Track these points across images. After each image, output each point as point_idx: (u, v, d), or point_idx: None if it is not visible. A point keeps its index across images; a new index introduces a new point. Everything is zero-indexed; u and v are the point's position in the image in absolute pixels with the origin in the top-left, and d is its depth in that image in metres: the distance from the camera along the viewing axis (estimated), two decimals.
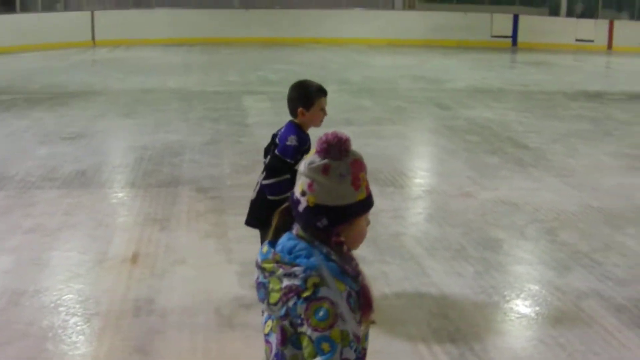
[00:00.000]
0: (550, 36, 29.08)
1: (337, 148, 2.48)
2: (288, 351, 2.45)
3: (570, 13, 31.78)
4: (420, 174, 9.92)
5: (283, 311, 2.40)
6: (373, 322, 2.55)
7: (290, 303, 2.37)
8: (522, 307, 5.83)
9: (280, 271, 2.44)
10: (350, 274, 2.45)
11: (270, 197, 5.09)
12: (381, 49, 26.54)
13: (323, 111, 5.20)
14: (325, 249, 2.44)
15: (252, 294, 5.75)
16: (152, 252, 6.77)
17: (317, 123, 5.22)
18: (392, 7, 32.62)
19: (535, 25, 29.89)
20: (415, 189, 9.13)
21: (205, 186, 8.84)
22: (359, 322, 2.45)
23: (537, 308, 5.80)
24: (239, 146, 10.89)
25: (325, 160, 2.46)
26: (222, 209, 8.02)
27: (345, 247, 2.49)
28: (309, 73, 18.81)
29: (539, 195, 8.74)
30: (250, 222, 5.41)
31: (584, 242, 7.23)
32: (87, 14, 27.02)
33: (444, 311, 5.63)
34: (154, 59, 22.74)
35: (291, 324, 2.40)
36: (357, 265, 2.50)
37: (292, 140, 5.07)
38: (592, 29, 30.05)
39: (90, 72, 19.93)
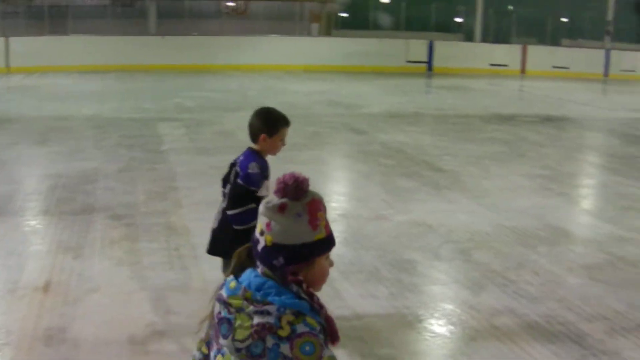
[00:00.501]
0: (465, 61, 29.60)
1: (294, 188, 2.51)
2: None
3: (484, 39, 32.36)
4: (336, 198, 9.93)
5: (259, 350, 2.36)
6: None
7: (269, 344, 2.34)
8: (436, 326, 5.86)
9: (251, 308, 2.41)
10: (316, 310, 2.46)
11: (235, 227, 5.02)
12: (298, 75, 26.67)
13: (282, 141, 5.18)
14: (295, 288, 2.44)
15: (165, 321, 5.74)
16: (65, 280, 6.64)
17: (275, 152, 5.20)
18: (309, 34, 32.82)
19: (450, 51, 30.40)
20: (330, 213, 9.07)
21: (119, 213, 8.72)
22: None
23: (451, 327, 5.85)
24: (153, 173, 10.80)
25: (283, 200, 2.48)
26: (136, 236, 7.92)
27: (304, 286, 2.46)
28: (226, 99, 18.90)
29: (453, 216, 8.85)
30: (214, 251, 5.32)
31: (498, 261, 7.33)
32: (2, 40, 26.61)
33: (359, 334, 5.63)
34: (69, 86, 22.49)
35: None
36: (318, 300, 2.50)
37: (253, 168, 5.02)
38: (506, 53, 30.68)
39: (4, 99, 19.62)
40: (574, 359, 5.39)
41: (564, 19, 36.07)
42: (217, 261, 5.30)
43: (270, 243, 2.47)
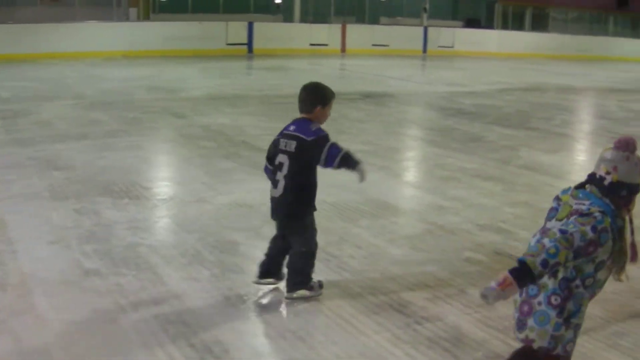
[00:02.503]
0: (285, 42, 29.67)
1: (633, 145, 3.73)
2: None
3: (304, 19, 32.53)
4: (157, 183, 9.71)
5: (565, 222, 3.63)
6: (621, 279, 3.83)
7: (572, 217, 3.62)
8: (260, 305, 5.80)
9: (574, 202, 3.71)
10: (618, 220, 3.67)
11: (341, 157, 5.67)
12: (117, 62, 26.10)
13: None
14: (609, 201, 3.67)
15: None
16: None
17: (325, 120, 5.92)
18: (127, 19, 32.13)
19: (270, 32, 30.41)
20: (151, 198, 8.89)
21: None
22: (610, 268, 3.74)
23: (275, 305, 5.79)
24: None
25: (627, 152, 3.70)
26: None
27: (627, 211, 3.75)
28: (44, 89, 18.23)
29: None
30: (286, 216, 5.97)
31: (320, 237, 7.28)
32: None
33: (183, 318, 5.48)
34: None
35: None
36: (631, 220, 3.78)
37: (316, 125, 5.77)
38: (326, 33, 30.94)
39: None
40: (397, 327, 5.44)
41: None
42: (38, 254, 5.06)
43: (616, 180, 3.69)
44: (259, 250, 6.93)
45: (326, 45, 30.64)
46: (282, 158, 5.85)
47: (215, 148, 11.52)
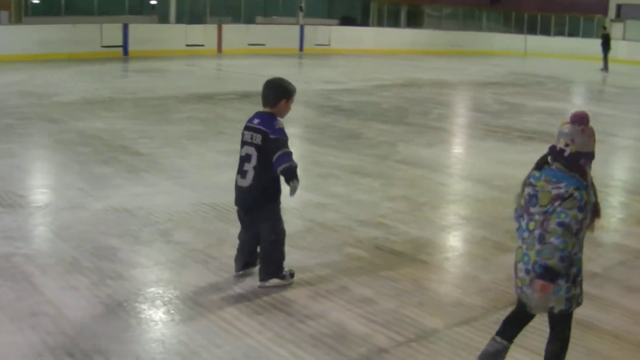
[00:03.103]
0: (161, 43, 29.36)
1: (586, 119, 4.37)
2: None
3: (180, 19, 32.25)
4: (31, 191, 9.46)
5: (551, 209, 4.21)
6: (593, 230, 4.55)
7: (556, 204, 4.19)
8: (141, 311, 5.71)
9: (549, 186, 4.25)
10: (588, 189, 4.25)
11: (281, 170, 6.02)
12: None
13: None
14: (577, 176, 4.25)
15: None
16: None
17: (286, 114, 6.36)
18: None
19: (146, 33, 30.03)
20: (25, 206, 8.65)
21: None
22: (587, 226, 4.34)
23: (156, 310, 5.72)
24: None
25: (582, 126, 4.32)
26: None
27: (586, 176, 4.28)
28: None
29: (152, 199, 8.71)
30: (251, 206, 6.30)
31: (199, 239, 7.29)
32: None
33: (61, 328, 5.36)
34: None
35: (551, 216, 4.19)
36: (591, 179, 4.34)
37: (279, 124, 6.15)
38: (202, 34, 30.74)
39: None
40: (281, 326, 5.46)
41: None
42: None
43: (575, 151, 4.27)
44: (138, 256, 6.88)
45: (202, 45, 30.47)
46: (249, 150, 6.16)
47: (91, 153, 11.29)
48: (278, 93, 6.27)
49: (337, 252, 7.13)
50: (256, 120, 6.21)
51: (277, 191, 6.25)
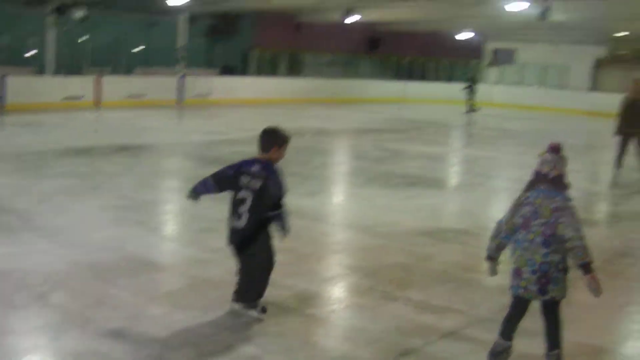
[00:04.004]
0: (38, 96, 28.62)
1: (561, 148, 5.67)
2: (553, 237, 5.46)
3: (58, 71, 31.67)
4: None
5: (553, 219, 5.43)
6: None
7: (557, 214, 5.43)
8: None
9: (547, 202, 5.50)
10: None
11: (281, 224, 6.69)
12: None
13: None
14: (564, 192, 5.59)
15: None
16: None
17: (280, 159, 6.86)
18: None
19: (23, 85, 29.21)
20: None
21: None
22: None
23: None
24: None
25: (561, 154, 5.65)
26: None
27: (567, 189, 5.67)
28: None
29: (27, 259, 8.28)
30: (243, 246, 6.69)
31: (76, 301, 6.98)
32: None
33: None
34: None
35: (554, 225, 5.44)
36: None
37: (278, 172, 6.74)
38: (81, 85, 30.21)
39: None
40: None
41: (137, 48, 36.27)
42: None
43: (557, 174, 5.58)
44: (12, 321, 6.54)
45: (81, 97, 29.91)
46: (244, 194, 6.60)
47: None
48: (271, 140, 6.83)
49: (221, 310, 6.93)
50: (256, 167, 6.69)
51: (268, 228, 6.73)
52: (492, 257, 5.96)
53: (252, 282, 6.75)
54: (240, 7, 33.90)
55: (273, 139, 6.85)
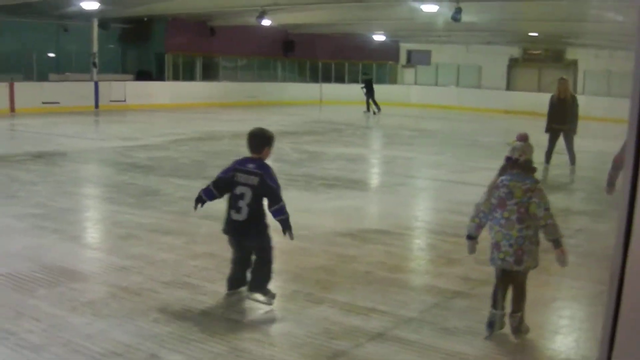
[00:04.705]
0: None
1: (527, 137, 6.42)
2: (526, 215, 6.15)
3: None
4: None
5: (525, 199, 6.14)
6: None
7: (529, 195, 6.14)
8: None
9: (519, 184, 6.18)
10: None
11: (282, 218, 7.15)
12: None
13: None
14: (532, 175, 6.31)
15: None
16: None
17: (269, 157, 7.44)
18: None
19: None
20: None
21: None
22: None
23: None
24: None
25: (528, 142, 6.38)
26: None
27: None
28: None
29: None
30: (246, 239, 7.30)
31: None
32: None
33: None
34: None
35: (526, 204, 6.15)
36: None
37: (272, 170, 7.27)
38: None
39: None
40: None
41: (50, 54, 35.62)
42: None
43: (525, 159, 6.27)
44: None
45: None
46: (243, 189, 7.13)
47: None
48: (262, 141, 7.40)
49: (144, 318, 6.80)
50: (251, 165, 7.24)
51: (266, 221, 7.26)
52: (472, 236, 6.54)
53: (269, 272, 7.33)
54: (151, 11, 33.51)
55: (264, 141, 7.41)
